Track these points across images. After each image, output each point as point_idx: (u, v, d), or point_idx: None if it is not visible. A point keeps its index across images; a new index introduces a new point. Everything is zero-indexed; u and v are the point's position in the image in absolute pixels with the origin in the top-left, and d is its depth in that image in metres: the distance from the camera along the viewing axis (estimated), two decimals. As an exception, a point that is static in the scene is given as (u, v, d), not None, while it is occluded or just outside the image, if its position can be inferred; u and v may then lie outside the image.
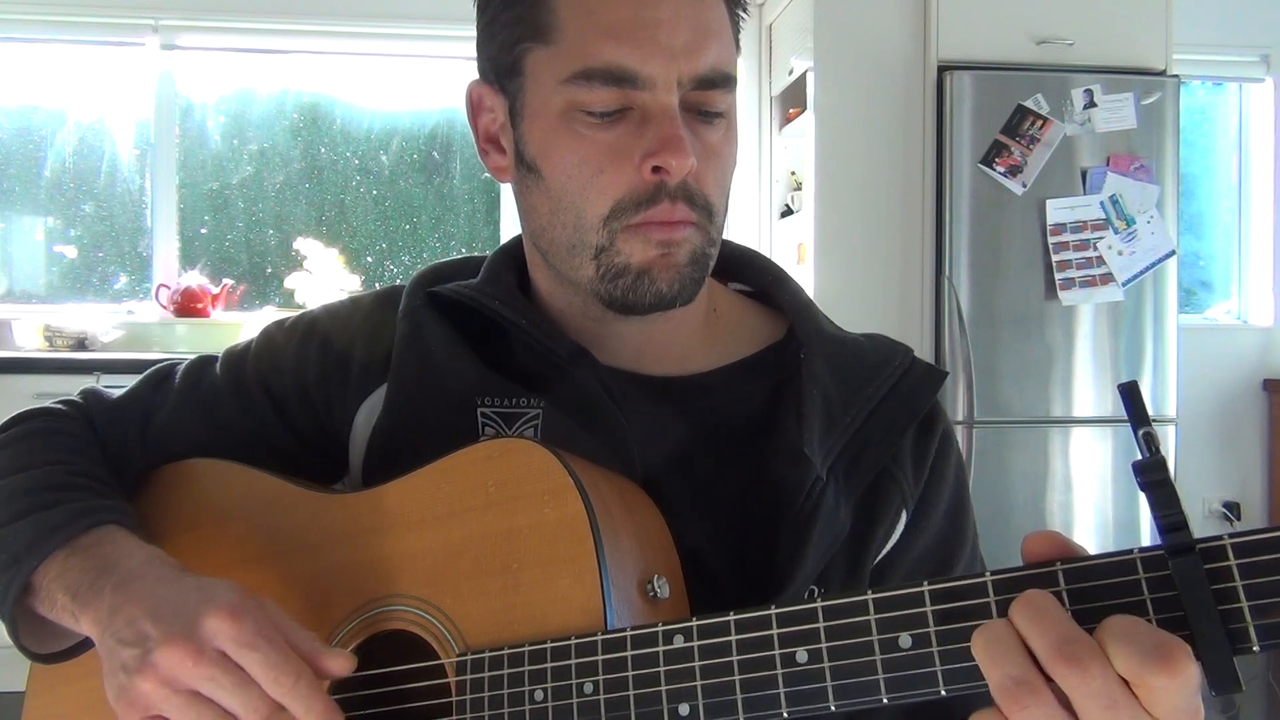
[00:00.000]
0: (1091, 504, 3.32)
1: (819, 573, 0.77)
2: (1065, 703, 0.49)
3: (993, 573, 0.54)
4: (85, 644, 0.75)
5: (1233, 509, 4.11)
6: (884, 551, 0.82)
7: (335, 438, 0.87)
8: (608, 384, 0.80)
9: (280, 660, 0.63)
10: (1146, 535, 3.30)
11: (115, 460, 0.87)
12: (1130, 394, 0.52)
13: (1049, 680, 0.50)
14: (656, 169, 0.73)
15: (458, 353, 0.83)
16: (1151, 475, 0.50)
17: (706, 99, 0.75)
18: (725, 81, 0.75)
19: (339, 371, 0.87)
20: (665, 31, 0.72)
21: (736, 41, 0.79)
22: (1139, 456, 0.51)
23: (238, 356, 0.91)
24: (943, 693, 0.54)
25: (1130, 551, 0.52)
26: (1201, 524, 4.05)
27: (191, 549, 0.80)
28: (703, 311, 0.86)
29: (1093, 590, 0.52)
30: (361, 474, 0.86)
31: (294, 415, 0.88)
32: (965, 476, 0.87)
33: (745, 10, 0.80)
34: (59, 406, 0.90)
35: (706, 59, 0.73)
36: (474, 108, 0.83)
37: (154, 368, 0.94)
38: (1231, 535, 0.49)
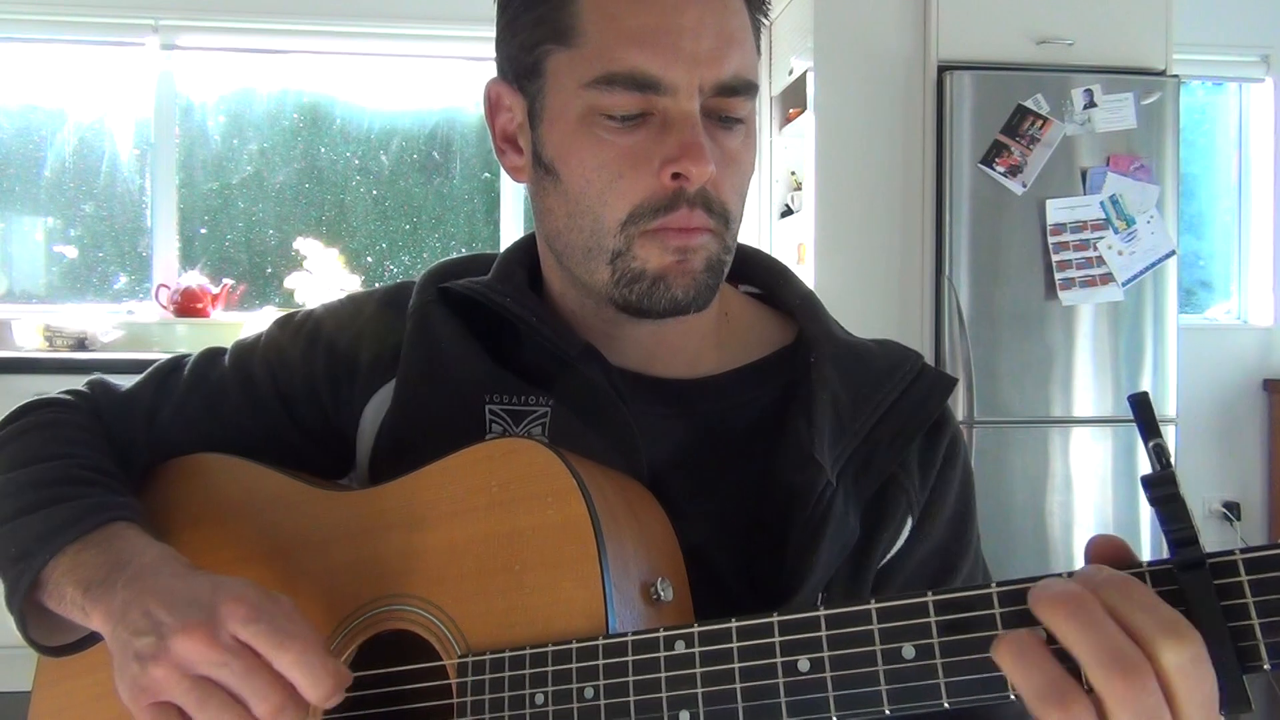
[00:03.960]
0: (1091, 504, 3.32)
1: (827, 579, 0.77)
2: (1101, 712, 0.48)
3: (998, 584, 0.53)
4: (92, 638, 0.75)
5: (1233, 509, 4.11)
6: (888, 557, 0.81)
7: (342, 434, 0.87)
8: (616, 383, 0.80)
9: (290, 633, 0.63)
10: (1147, 535, 3.30)
11: (122, 454, 0.87)
12: (1140, 405, 0.51)
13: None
14: (676, 175, 0.73)
15: (467, 349, 0.83)
16: (1161, 489, 0.50)
17: (727, 105, 0.75)
18: (747, 88, 0.75)
19: (346, 367, 0.87)
20: (689, 38, 0.72)
21: (758, 46, 0.78)
22: (1148, 467, 0.50)
23: (246, 351, 0.91)
24: (946, 705, 0.53)
25: (1139, 565, 0.51)
26: (1202, 524, 4.03)
27: (198, 545, 0.80)
28: (714, 315, 0.86)
29: (1102, 604, 0.51)
30: (369, 469, 0.86)
31: (301, 411, 0.88)
32: (972, 484, 0.87)
33: (766, 16, 0.79)
34: (66, 397, 0.90)
35: (729, 66, 0.73)
36: (492, 106, 0.83)
37: (162, 361, 0.94)
38: (1243, 550, 0.48)
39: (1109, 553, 0.53)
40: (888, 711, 0.54)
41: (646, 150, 0.73)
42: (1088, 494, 3.32)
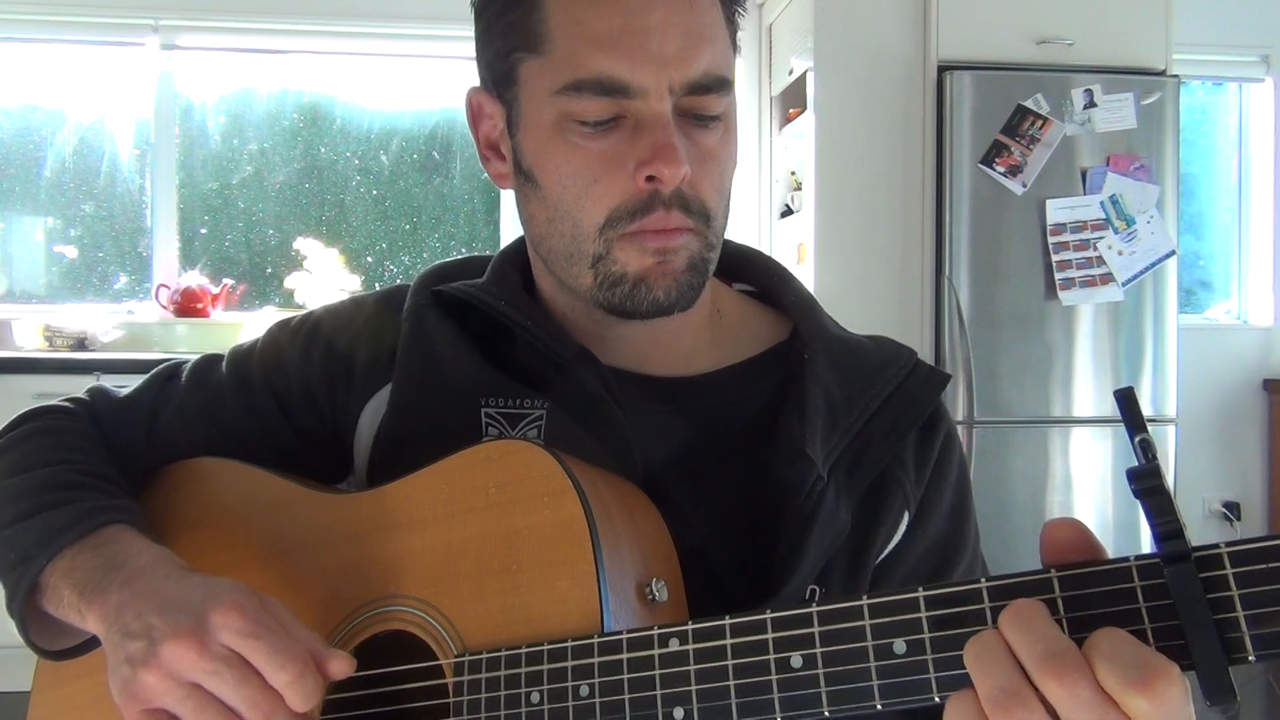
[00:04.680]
0: (1091, 504, 3.32)
1: (819, 572, 0.77)
2: (1054, 714, 0.49)
3: (988, 579, 0.54)
4: (93, 641, 0.75)
5: (1233, 509, 4.11)
6: (885, 552, 0.82)
7: (340, 437, 0.87)
8: (609, 384, 0.80)
9: (285, 650, 0.63)
10: (1146, 536, 3.30)
11: (122, 459, 0.87)
12: (1126, 400, 0.52)
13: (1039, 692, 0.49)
14: (650, 178, 0.73)
15: (462, 352, 0.83)
16: (1146, 482, 0.50)
17: (701, 104, 0.74)
18: (720, 85, 0.75)
19: (343, 372, 0.87)
20: (655, 39, 0.71)
21: (734, 41, 0.78)
22: (1135, 463, 0.51)
23: (243, 356, 0.92)
24: (936, 699, 0.53)
25: (1126, 559, 0.51)
26: (1201, 524, 4.05)
27: (196, 548, 0.81)
28: (706, 313, 0.86)
29: (1088, 598, 0.51)
30: (366, 473, 0.86)
31: (299, 415, 0.88)
32: (968, 479, 0.88)
33: (743, 8, 0.79)
34: (66, 405, 0.90)
35: (699, 64, 0.73)
36: (474, 114, 0.83)
37: (160, 367, 0.94)
38: (1228, 544, 0.49)
39: (1067, 539, 0.54)
40: (879, 706, 0.55)
41: (620, 154, 0.73)
42: (1088, 494, 3.33)
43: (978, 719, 0.51)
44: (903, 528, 0.82)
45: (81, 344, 3.66)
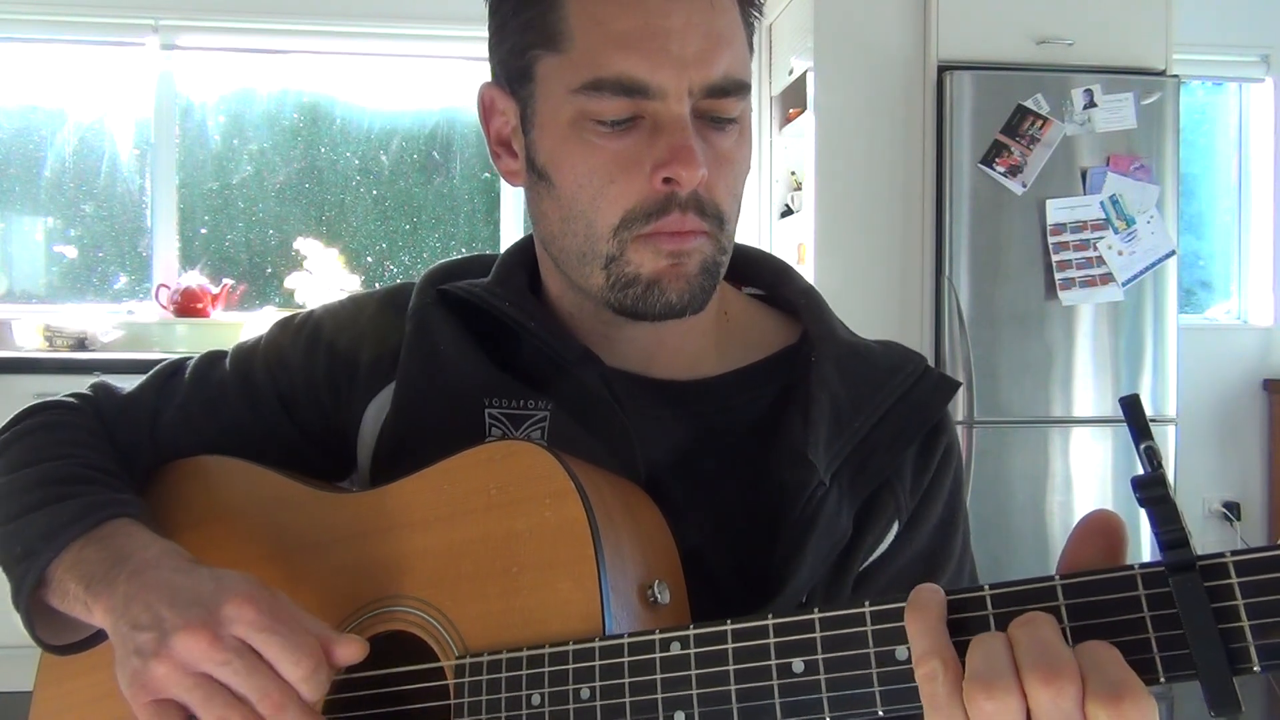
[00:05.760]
0: (1091, 504, 3.31)
1: (817, 577, 0.77)
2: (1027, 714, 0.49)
3: (991, 586, 0.53)
4: (99, 635, 0.75)
5: (1233, 509, 4.11)
6: (871, 558, 0.81)
7: (343, 436, 0.87)
8: (613, 386, 0.80)
9: (301, 644, 0.64)
10: (1146, 536, 3.30)
11: (125, 456, 0.87)
12: (1132, 407, 0.51)
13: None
14: (667, 180, 0.72)
15: (466, 352, 0.83)
16: (1152, 491, 0.50)
17: (719, 106, 0.74)
18: (738, 89, 0.74)
19: (346, 370, 0.87)
20: (676, 41, 0.71)
21: (750, 43, 0.78)
22: (1139, 470, 0.51)
23: (246, 353, 0.91)
24: None
25: (1131, 567, 0.51)
26: (1202, 524, 4.05)
27: (198, 546, 0.80)
28: (714, 316, 0.86)
29: (1092, 606, 0.51)
30: (370, 472, 0.86)
31: (302, 413, 0.88)
32: (962, 491, 0.87)
33: (760, 12, 0.79)
34: (69, 400, 0.90)
35: (719, 67, 0.73)
36: (486, 110, 0.83)
37: (163, 364, 0.94)
38: (1234, 553, 0.48)
39: (1097, 535, 0.54)
40: (881, 713, 0.55)
41: (637, 155, 0.73)
42: (1088, 494, 3.32)
43: (954, 691, 0.51)
44: (890, 537, 0.82)
45: (81, 344, 3.66)
